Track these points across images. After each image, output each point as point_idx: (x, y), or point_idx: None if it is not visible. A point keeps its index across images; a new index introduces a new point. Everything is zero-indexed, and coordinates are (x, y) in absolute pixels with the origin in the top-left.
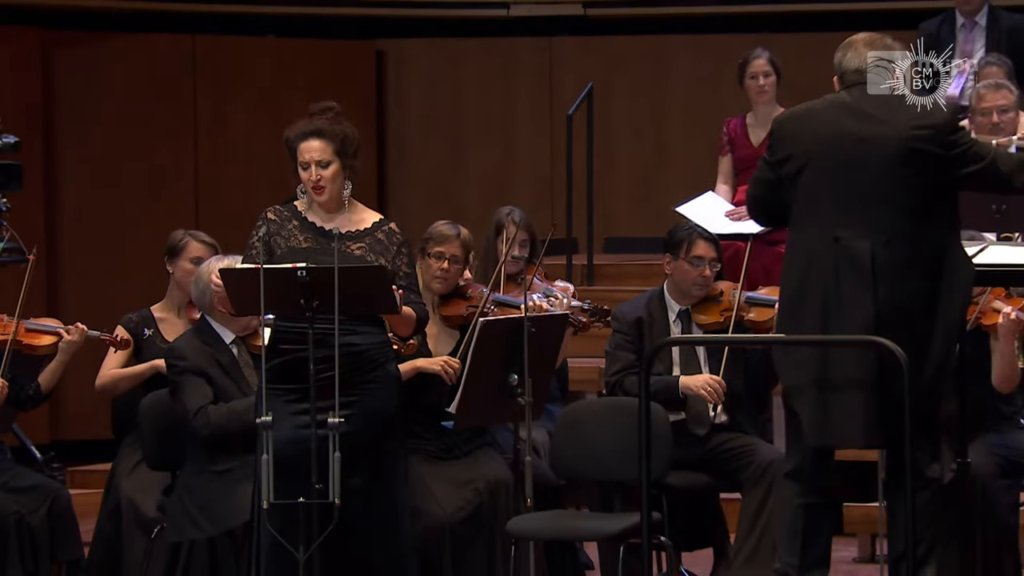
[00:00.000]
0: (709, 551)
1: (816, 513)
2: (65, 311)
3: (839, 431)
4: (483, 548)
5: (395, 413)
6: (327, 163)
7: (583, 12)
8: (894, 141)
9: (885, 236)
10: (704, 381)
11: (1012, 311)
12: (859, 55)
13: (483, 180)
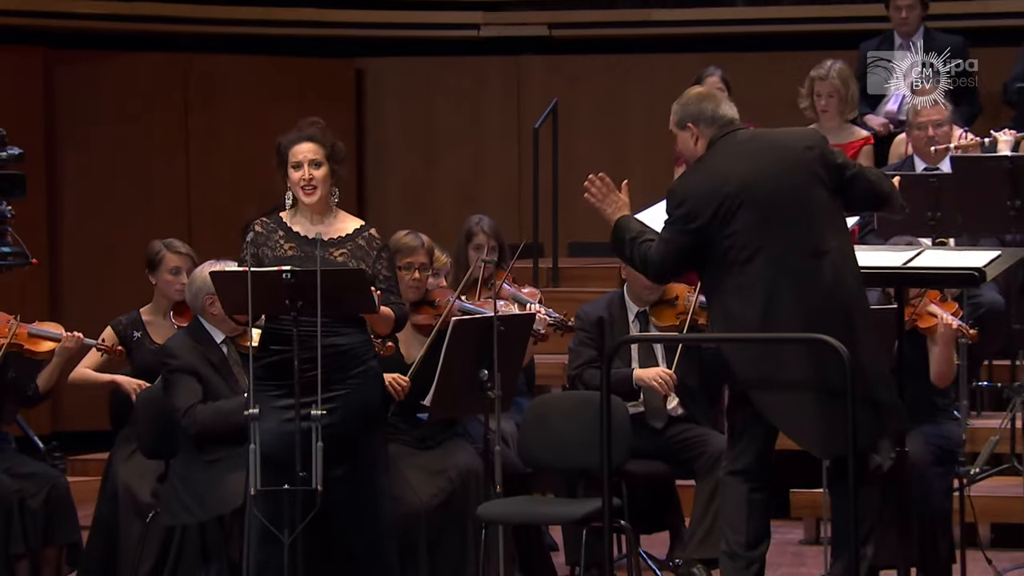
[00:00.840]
0: (666, 534)
1: (761, 497)
2: (65, 311)
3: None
4: (456, 532)
5: (377, 407)
6: (319, 163)
7: (548, 33)
8: (799, 166)
9: (824, 249)
10: (656, 373)
11: (952, 320)
12: (731, 107)
13: (455, 189)
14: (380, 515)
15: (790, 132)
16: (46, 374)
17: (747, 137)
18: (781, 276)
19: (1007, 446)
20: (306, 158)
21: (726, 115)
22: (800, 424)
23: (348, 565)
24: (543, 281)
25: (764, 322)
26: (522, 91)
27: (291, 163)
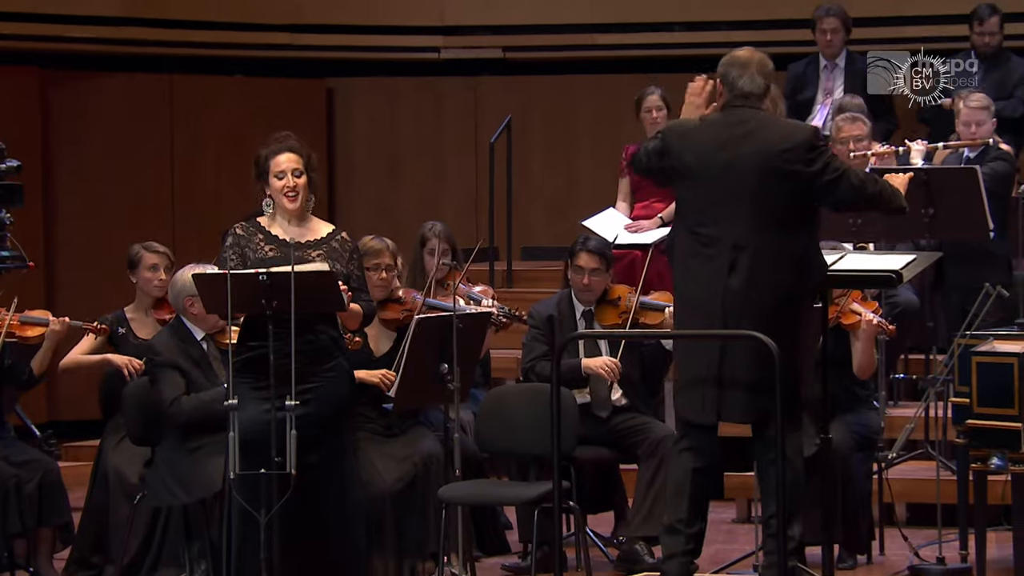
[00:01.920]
0: (610, 514)
1: (702, 477)
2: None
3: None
4: (419, 512)
5: (348, 398)
6: (300, 172)
7: (503, 55)
8: (758, 162)
9: (753, 242)
10: (603, 362)
11: (873, 317)
12: (752, 80)
13: (418, 198)
14: (351, 496)
15: (782, 127)
16: (39, 358)
17: (740, 119)
18: (696, 256)
19: (921, 433)
20: (289, 167)
21: (742, 89)
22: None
23: (320, 543)
24: (498, 282)
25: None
26: (479, 108)
27: (274, 172)
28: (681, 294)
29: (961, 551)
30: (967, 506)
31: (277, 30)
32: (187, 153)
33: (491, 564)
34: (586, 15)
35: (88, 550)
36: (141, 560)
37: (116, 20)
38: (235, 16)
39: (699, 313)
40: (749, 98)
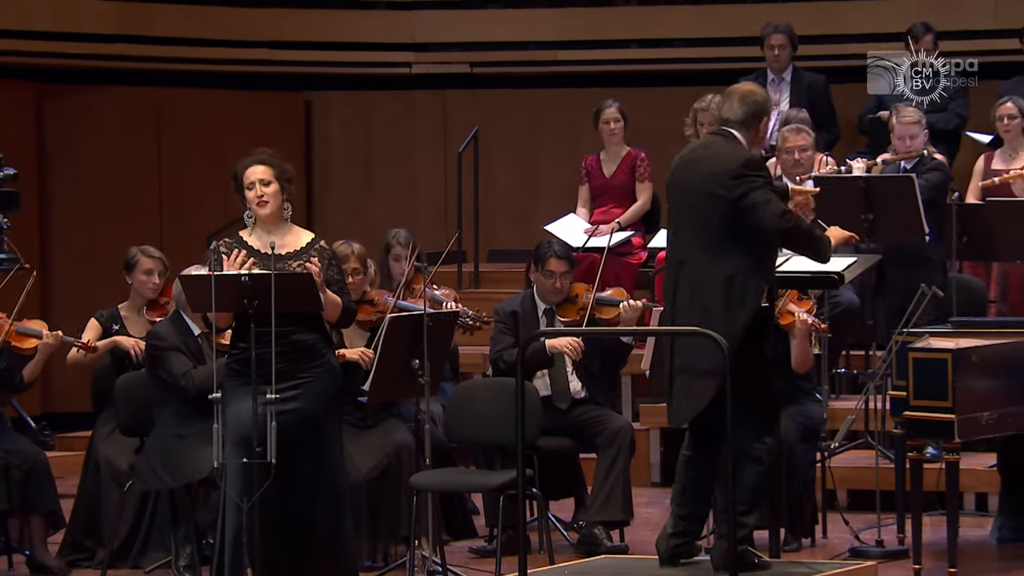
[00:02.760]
0: (571, 500)
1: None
2: (54, 309)
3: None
4: (392, 499)
5: (335, 395)
6: (268, 182)
7: (470, 70)
8: (696, 184)
9: (697, 257)
10: (566, 341)
11: (807, 316)
12: (730, 107)
13: (391, 204)
14: (338, 484)
15: (722, 153)
16: (31, 367)
17: (702, 144)
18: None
19: (862, 424)
20: (257, 178)
21: (721, 115)
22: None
23: (310, 531)
24: (465, 283)
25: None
26: (448, 120)
27: (245, 184)
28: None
29: (898, 534)
30: (904, 492)
31: (258, 46)
32: (173, 162)
33: (459, 547)
34: (548, 33)
35: (81, 534)
36: (130, 544)
37: (107, 37)
38: (219, 33)
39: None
40: (727, 123)
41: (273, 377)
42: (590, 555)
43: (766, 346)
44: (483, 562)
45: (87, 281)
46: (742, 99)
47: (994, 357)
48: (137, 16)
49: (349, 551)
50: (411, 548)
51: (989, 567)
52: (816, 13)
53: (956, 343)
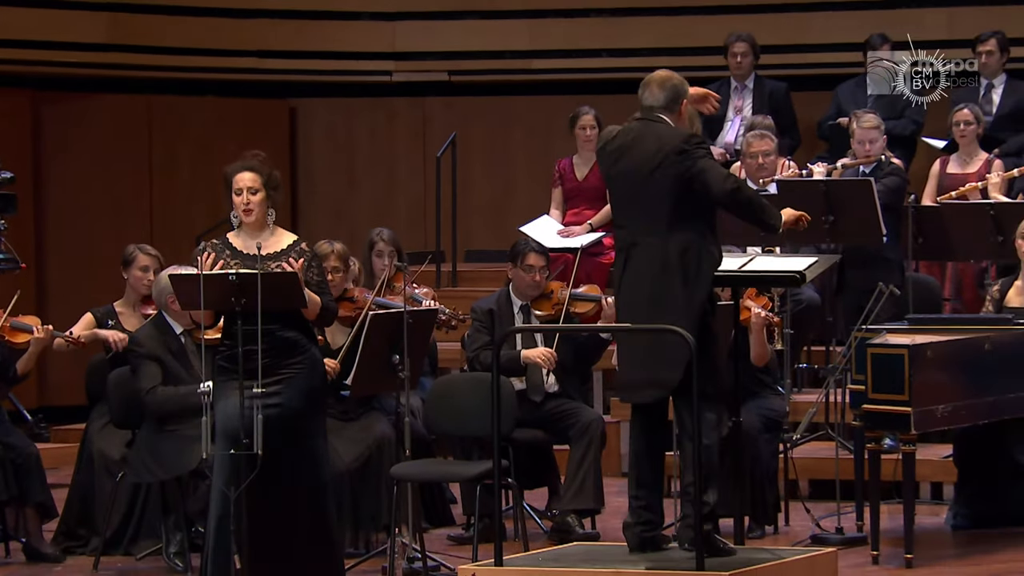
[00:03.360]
0: (545, 489)
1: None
2: (49, 306)
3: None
4: (373, 488)
5: (319, 388)
6: (256, 190)
7: (448, 78)
8: (645, 167)
9: (648, 237)
10: (540, 352)
11: (761, 311)
12: (652, 95)
13: (372, 206)
14: (322, 474)
15: (660, 134)
16: (24, 360)
17: (631, 130)
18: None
19: (822, 416)
20: (245, 186)
21: (643, 103)
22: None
23: (296, 519)
24: (444, 282)
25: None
26: (426, 126)
27: (234, 189)
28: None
29: (857, 522)
30: (863, 482)
31: (245, 55)
32: (164, 166)
33: (438, 535)
34: (523, 42)
35: (75, 523)
36: (123, 532)
37: (101, 46)
38: (208, 43)
39: (618, 306)
40: (651, 110)
41: (260, 372)
42: (563, 542)
43: (713, 322)
44: (461, 549)
45: (81, 280)
46: (661, 85)
47: (949, 353)
48: (129, 26)
49: (333, 540)
50: (392, 536)
51: (944, 553)
52: (778, 24)
53: (912, 339)
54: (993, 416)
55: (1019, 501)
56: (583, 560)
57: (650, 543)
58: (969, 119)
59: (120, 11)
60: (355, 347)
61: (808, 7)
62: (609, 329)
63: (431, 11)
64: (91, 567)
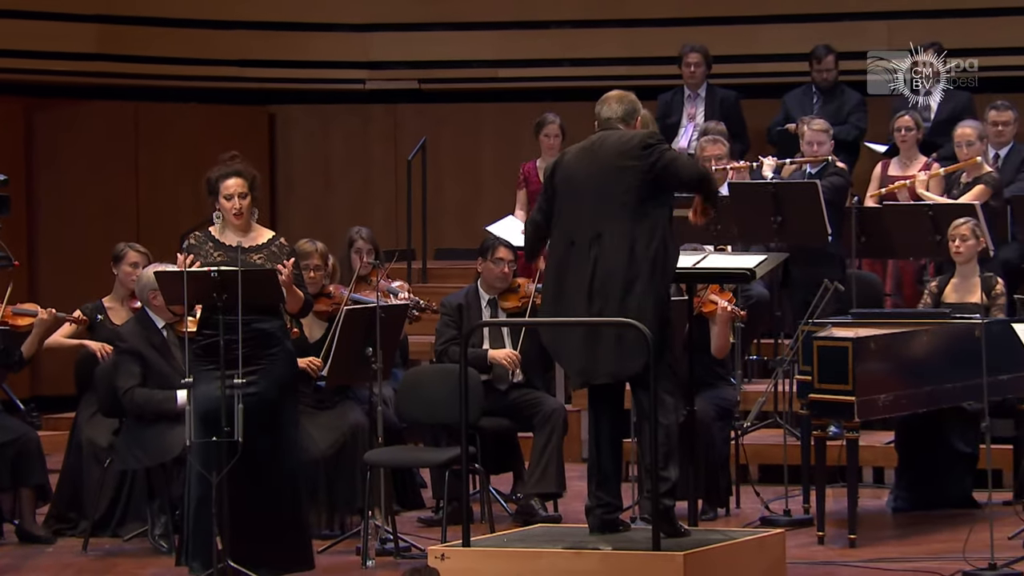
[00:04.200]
0: (510, 474)
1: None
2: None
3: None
4: (347, 474)
5: (291, 378)
6: (245, 195)
7: (419, 86)
8: (606, 164)
9: (605, 234)
10: (505, 354)
11: (727, 305)
12: (610, 108)
13: (348, 207)
14: (294, 460)
15: (621, 136)
16: (28, 343)
17: (594, 140)
18: (568, 252)
19: (771, 405)
20: (236, 191)
21: (601, 116)
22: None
23: (268, 501)
24: (415, 279)
25: (555, 288)
26: (398, 131)
27: (223, 194)
28: (557, 284)
29: (804, 505)
30: (809, 467)
31: (227, 64)
32: (150, 169)
33: (409, 517)
34: (490, 52)
35: (65, 507)
36: (110, 515)
37: (90, 56)
38: (191, 52)
39: (573, 297)
40: (608, 122)
41: (240, 362)
42: (527, 524)
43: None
44: (430, 531)
45: (71, 277)
46: (619, 100)
47: (890, 345)
48: (116, 37)
49: (304, 522)
50: (365, 518)
51: (885, 534)
52: (729, 35)
53: (856, 333)
54: (931, 405)
55: (956, 485)
56: (546, 541)
57: (610, 525)
58: (909, 125)
59: (109, 23)
60: (341, 343)
61: (757, 20)
62: (572, 323)
63: (402, 23)
64: (80, 548)
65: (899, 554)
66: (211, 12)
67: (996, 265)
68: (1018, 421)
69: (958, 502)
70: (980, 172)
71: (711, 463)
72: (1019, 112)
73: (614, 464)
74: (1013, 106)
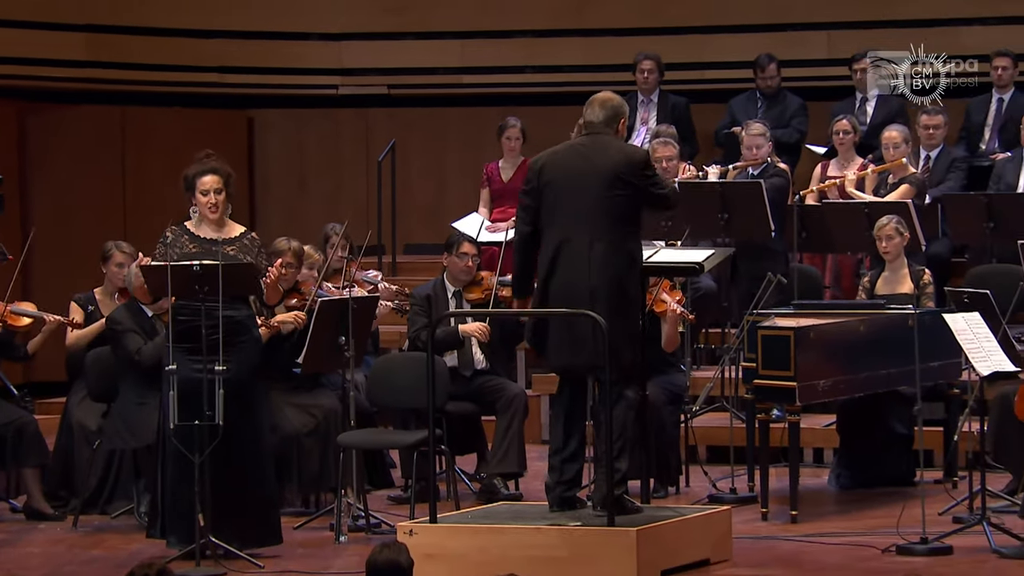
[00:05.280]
0: (474, 455)
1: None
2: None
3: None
4: (321, 455)
5: (260, 363)
6: (220, 191)
7: (388, 92)
8: (605, 173)
9: (597, 237)
10: (476, 327)
11: (677, 307)
12: (594, 112)
13: (321, 205)
14: (263, 439)
15: (621, 149)
16: (35, 342)
17: (585, 143)
18: (561, 252)
19: (719, 390)
20: (212, 187)
21: (587, 119)
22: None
23: (240, 477)
24: (385, 272)
25: (546, 283)
26: (369, 134)
27: (199, 190)
28: (554, 281)
29: (749, 483)
30: (754, 448)
31: (208, 71)
32: (136, 169)
33: (379, 495)
34: (455, 60)
35: (56, 485)
36: (99, 494)
37: (80, 63)
38: (175, 60)
39: (568, 295)
40: (593, 125)
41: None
42: (490, 502)
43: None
44: (400, 508)
45: (62, 271)
46: (602, 105)
47: (829, 334)
48: (104, 45)
49: (273, 497)
50: (338, 496)
51: (825, 510)
52: (680, 44)
53: (797, 322)
54: (867, 389)
55: (893, 464)
56: (508, 518)
57: (568, 502)
58: (847, 128)
59: (97, 32)
60: (316, 332)
61: (706, 30)
62: (532, 313)
63: (373, 32)
64: (71, 525)
65: (837, 529)
66: (193, 22)
67: (927, 259)
68: (948, 405)
69: (896, 480)
70: (905, 173)
71: (662, 444)
72: (948, 117)
73: (578, 445)
74: (943, 111)
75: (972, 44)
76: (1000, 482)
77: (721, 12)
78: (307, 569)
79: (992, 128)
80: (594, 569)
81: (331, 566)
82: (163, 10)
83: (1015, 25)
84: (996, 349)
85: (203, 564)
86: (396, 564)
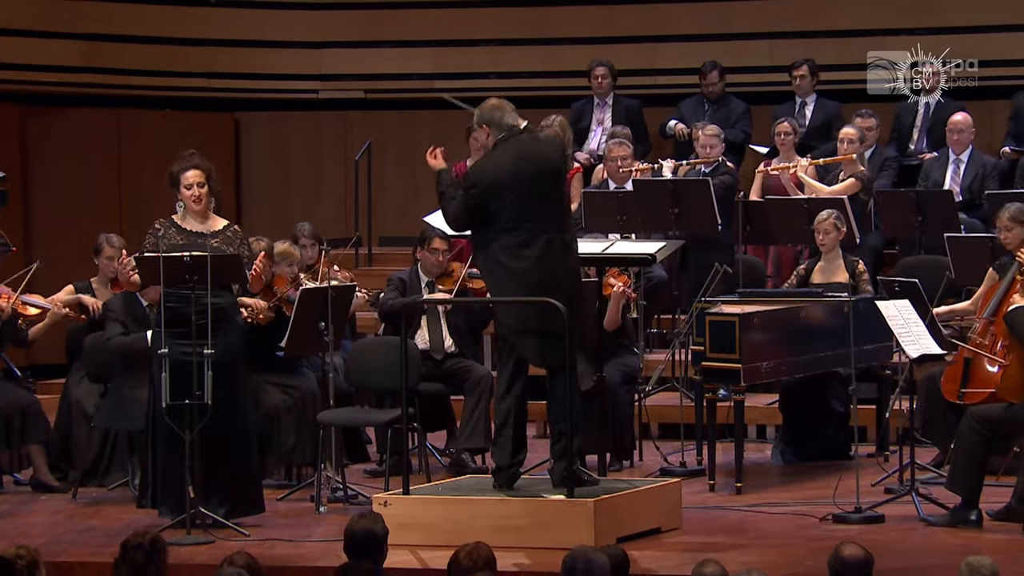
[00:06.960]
0: (444, 432)
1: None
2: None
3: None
4: (301, 432)
5: (242, 347)
6: (203, 184)
7: (365, 96)
8: (551, 167)
9: (561, 229)
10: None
11: (621, 287)
12: (513, 117)
13: (303, 202)
14: (247, 416)
15: (552, 144)
16: (37, 330)
17: (521, 143)
18: (549, 248)
19: (670, 372)
20: (195, 181)
21: (508, 123)
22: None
23: (225, 452)
24: (362, 263)
25: (527, 278)
26: (347, 135)
27: (183, 185)
28: (508, 278)
29: (698, 457)
30: (702, 425)
31: (197, 77)
32: (130, 168)
33: (356, 469)
34: (428, 67)
35: (57, 459)
36: (96, 467)
37: (77, 69)
38: (166, 66)
39: (526, 287)
40: (514, 128)
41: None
42: (459, 475)
43: None
44: (375, 481)
45: (61, 262)
46: (512, 110)
47: (771, 320)
48: (100, 52)
49: (255, 471)
50: (318, 470)
51: (768, 482)
52: (632, 52)
53: (742, 309)
54: (807, 371)
55: (831, 440)
56: (475, 490)
57: (515, 480)
58: (788, 130)
59: (94, 40)
60: (298, 318)
61: (657, 39)
62: (498, 301)
63: (351, 40)
64: (71, 497)
65: (779, 500)
66: (183, 31)
67: (863, 251)
68: (880, 384)
69: (833, 455)
70: (855, 169)
71: (617, 421)
72: (880, 119)
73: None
74: (875, 114)
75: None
76: (928, 456)
77: (671, 22)
78: (290, 537)
79: (920, 130)
80: (555, 536)
81: (312, 534)
82: (155, 20)
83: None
84: (924, 333)
85: (193, 532)
86: (372, 533)
